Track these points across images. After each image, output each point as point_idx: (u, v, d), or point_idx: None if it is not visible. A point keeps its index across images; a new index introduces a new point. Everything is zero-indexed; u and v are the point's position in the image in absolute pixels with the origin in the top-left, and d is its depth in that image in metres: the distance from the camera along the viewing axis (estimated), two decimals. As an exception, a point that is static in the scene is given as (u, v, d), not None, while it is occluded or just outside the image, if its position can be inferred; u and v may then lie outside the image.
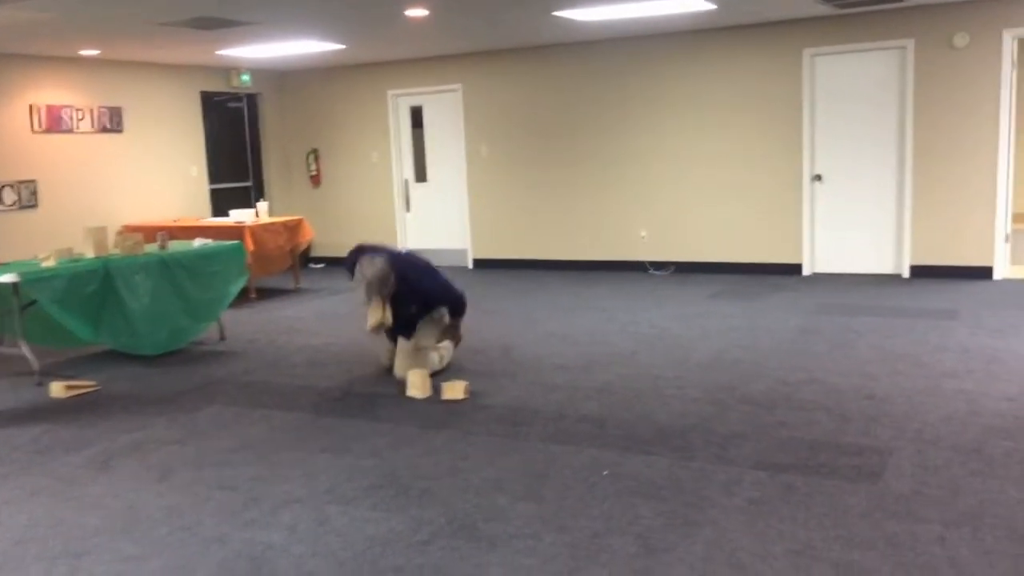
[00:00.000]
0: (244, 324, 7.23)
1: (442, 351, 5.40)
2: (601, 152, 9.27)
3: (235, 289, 6.53)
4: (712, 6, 7.03)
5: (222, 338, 6.65)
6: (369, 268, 5.01)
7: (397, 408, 4.68)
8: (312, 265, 10.90)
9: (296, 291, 8.92)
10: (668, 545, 2.94)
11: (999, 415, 4.09)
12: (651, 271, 9.14)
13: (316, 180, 10.95)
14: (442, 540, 3.07)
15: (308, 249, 10.63)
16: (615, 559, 2.86)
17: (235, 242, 6.71)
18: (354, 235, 10.43)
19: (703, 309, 7.05)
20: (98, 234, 6.04)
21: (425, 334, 5.28)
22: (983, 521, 3.01)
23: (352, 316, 7.32)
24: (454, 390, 4.80)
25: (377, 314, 5.00)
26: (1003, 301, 6.73)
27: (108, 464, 4.01)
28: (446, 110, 10.12)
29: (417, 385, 4.87)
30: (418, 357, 5.18)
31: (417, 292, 5.20)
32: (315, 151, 10.89)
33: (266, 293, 8.80)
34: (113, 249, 6.28)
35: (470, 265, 10.16)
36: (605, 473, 3.60)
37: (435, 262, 5.65)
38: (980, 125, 7.55)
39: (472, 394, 4.84)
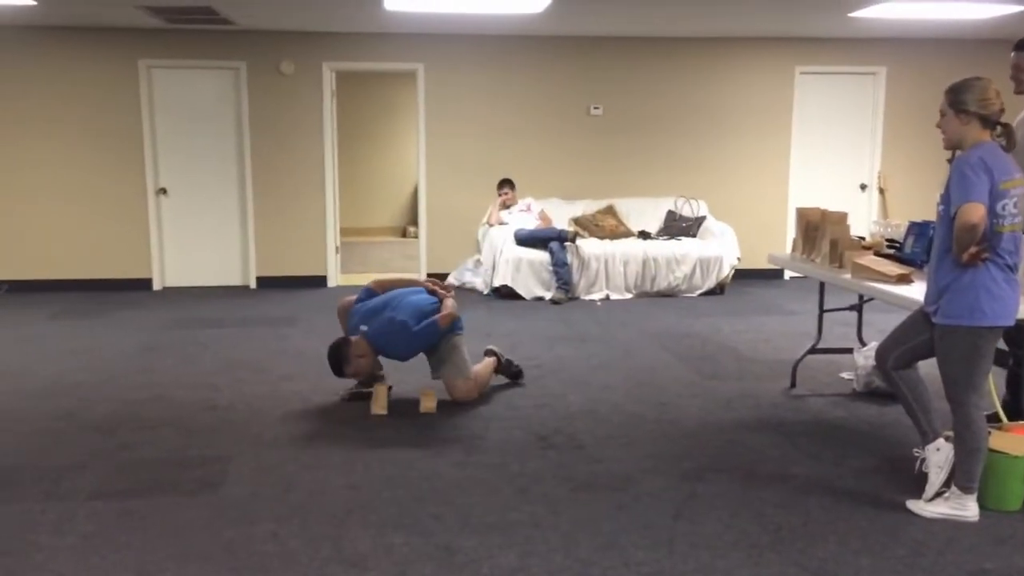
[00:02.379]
0: None
1: None
2: (-99, 154, 7.82)
3: None
4: (31, 1, 6.44)
5: None
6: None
7: None
8: None
9: None
10: (-16, 605, 2.62)
11: (328, 409, 4.55)
12: (-24, 292, 8.03)
13: None
14: None
15: None
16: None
17: None
18: None
19: (42, 330, 6.44)
20: None
21: None
22: (311, 511, 3.30)
23: None
24: None
25: None
26: (335, 306, 7.46)
27: None
28: None
29: None
30: None
31: None
32: None
33: None
34: None
35: None
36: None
37: None
38: (310, 147, 8.30)
39: None
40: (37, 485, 3.53)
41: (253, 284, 8.41)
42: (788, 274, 8.91)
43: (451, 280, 8.44)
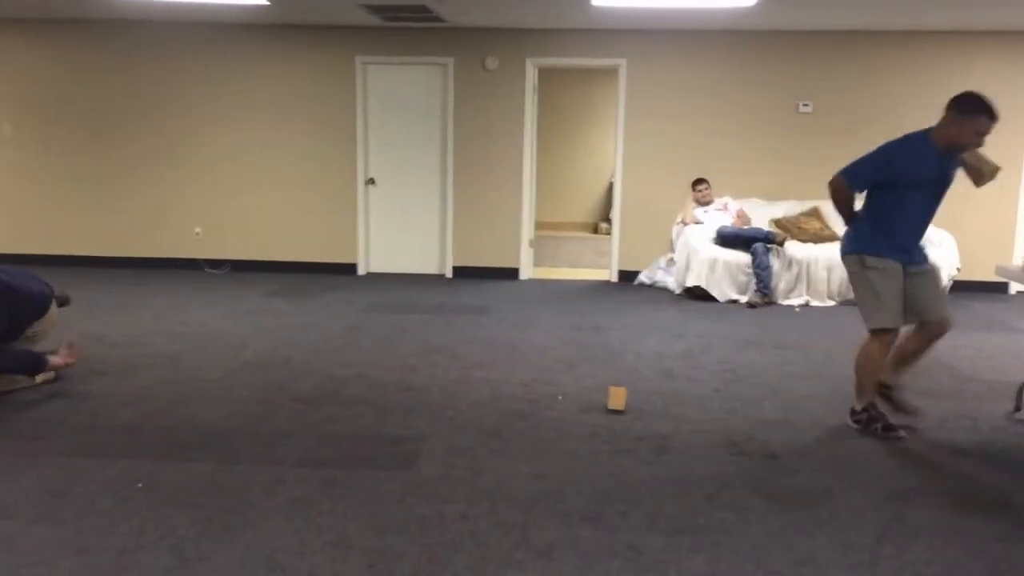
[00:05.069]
0: None
1: None
2: (153, 143, 8.68)
3: None
4: (264, 1, 6.95)
5: None
6: None
7: None
8: None
9: None
10: (204, 554, 2.84)
11: (516, 399, 4.61)
12: (206, 269, 8.77)
13: None
14: (-71, 582, 2.63)
15: None
16: (144, 576, 2.69)
17: None
18: None
19: (257, 307, 6.94)
20: None
21: None
22: (499, 496, 3.36)
23: None
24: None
25: None
26: (526, 298, 7.62)
27: None
28: (-44, 80, 8.71)
29: None
30: None
31: None
32: None
33: None
34: None
35: (-11, 260, 8.87)
36: (139, 485, 3.36)
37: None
38: (510, 141, 8.46)
39: (-19, 409, 4.23)
40: (252, 449, 3.80)
41: (449, 273, 8.69)
42: (1015, 288, 8.16)
43: (643, 278, 8.36)
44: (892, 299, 4.00)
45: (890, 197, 3.99)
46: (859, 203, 4.13)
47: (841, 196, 4.08)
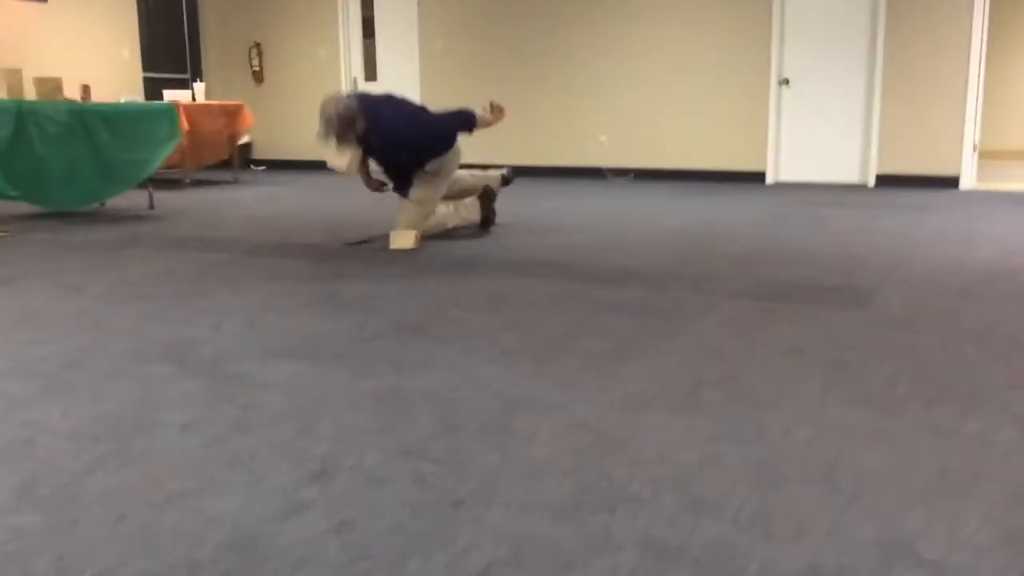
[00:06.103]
0: (176, 201, 6.73)
1: (458, 206, 4.95)
2: (562, 52, 8.87)
3: (162, 153, 5.97)
4: None
5: (151, 207, 6.15)
6: (331, 105, 4.28)
7: (344, 252, 4.29)
8: (254, 167, 10.33)
9: (235, 183, 8.38)
10: (644, 344, 2.63)
11: (983, 269, 3.86)
12: (610, 178, 8.80)
13: (259, 77, 10.34)
14: (388, 337, 2.71)
15: (249, 149, 10.07)
16: (586, 354, 2.53)
17: (165, 103, 6.17)
18: (300, 137, 9.92)
19: (666, 201, 6.75)
20: (12, 77, 5.47)
21: (423, 188, 4.66)
22: (986, 336, 2.74)
23: (300, 197, 6.86)
24: (403, 239, 4.42)
25: (344, 157, 4.46)
26: (972, 202, 6.56)
27: (14, 282, 3.56)
28: (398, 3, 9.59)
29: (398, 239, 4.45)
30: (418, 213, 4.66)
31: (398, 140, 4.48)
32: (258, 45, 10.27)
33: (202, 183, 8.25)
34: (29, 96, 5.71)
35: (421, 170, 9.72)
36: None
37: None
38: (952, 26, 7.32)
39: (428, 245, 4.47)
40: (680, 284, 3.55)
41: (871, 182, 7.81)
42: None
43: None
44: None
45: None
46: None
47: None
